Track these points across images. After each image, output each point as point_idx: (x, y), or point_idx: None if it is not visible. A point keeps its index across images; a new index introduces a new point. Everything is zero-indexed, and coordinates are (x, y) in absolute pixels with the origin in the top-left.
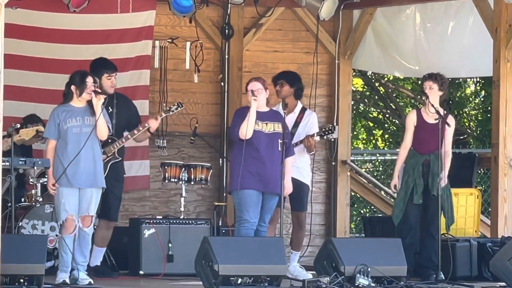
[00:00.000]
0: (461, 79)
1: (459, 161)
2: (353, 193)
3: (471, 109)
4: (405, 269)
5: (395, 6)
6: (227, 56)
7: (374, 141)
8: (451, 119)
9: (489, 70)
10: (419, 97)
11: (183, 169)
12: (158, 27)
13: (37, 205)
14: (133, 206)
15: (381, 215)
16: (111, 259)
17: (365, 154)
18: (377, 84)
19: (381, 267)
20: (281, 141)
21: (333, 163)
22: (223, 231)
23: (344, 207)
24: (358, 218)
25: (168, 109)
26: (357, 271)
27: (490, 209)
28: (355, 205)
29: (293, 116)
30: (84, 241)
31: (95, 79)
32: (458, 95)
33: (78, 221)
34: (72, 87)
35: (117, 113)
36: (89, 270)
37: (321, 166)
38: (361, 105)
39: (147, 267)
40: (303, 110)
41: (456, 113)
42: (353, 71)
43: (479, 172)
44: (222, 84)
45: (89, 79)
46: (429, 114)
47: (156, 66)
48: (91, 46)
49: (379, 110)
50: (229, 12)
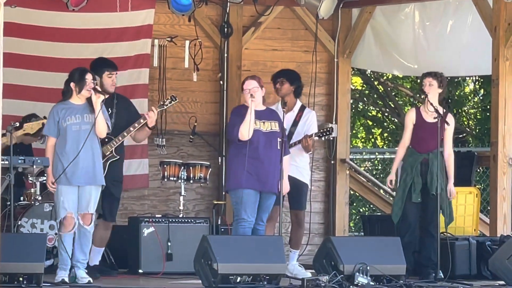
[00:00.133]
0: (460, 78)
1: (458, 159)
2: (352, 192)
3: (470, 108)
4: (404, 267)
5: (394, 4)
6: (226, 55)
7: (373, 139)
8: (450, 117)
9: (488, 69)
10: (418, 95)
11: (182, 167)
12: (157, 26)
13: (36, 204)
14: (132, 205)
15: (380, 213)
16: (110, 257)
17: (364, 153)
18: (376, 83)
19: (380, 266)
20: (280, 140)
21: (332, 162)
22: (222, 229)
23: (343, 205)
24: (357, 217)
25: (162, 103)
26: (356, 270)
27: (489, 208)
28: (354, 204)
29: (292, 115)
30: (85, 238)
31: (94, 76)
32: (457, 93)
33: (78, 219)
34: (72, 84)
35: (117, 114)
36: (88, 269)
37: (320, 164)
38: (360, 103)
39: (146, 266)
40: (302, 109)
41: (455, 111)
42: (352, 69)
43: (478, 170)
44: (221, 82)
45: (88, 76)
46: (428, 112)
47: (155, 64)
48: (91, 44)
49: (378, 109)
50: (228, 11)
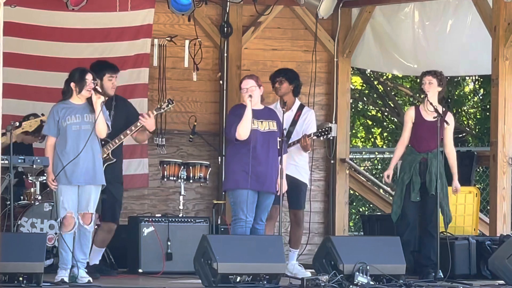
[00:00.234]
0: (460, 77)
1: (458, 159)
2: (351, 191)
3: (470, 107)
4: (404, 267)
5: (394, 4)
6: (226, 54)
7: (372, 139)
8: (450, 116)
9: (488, 68)
10: (417, 95)
11: (182, 167)
12: (157, 25)
13: (36, 203)
14: (132, 204)
15: (379, 213)
16: (110, 257)
17: (363, 152)
18: (375, 82)
19: (380, 265)
20: (280, 140)
21: (331, 161)
22: (222, 229)
23: (343, 205)
24: (357, 216)
25: (159, 107)
26: (356, 269)
27: (489, 207)
28: (354, 203)
29: (290, 114)
30: (85, 238)
31: (94, 77)
32: (457, 93)
33: (78, 218)
34: (72, 84)
35: (115, 116)
36: (88, 269)
37: (319, 164)
38: (360, 103)
39: (146, 265)
40: (301, 108)
41: (455, 111)
42: (351, 69)
43: (478, 170)
44: (221, 82)
45: (88, 76)
46: (428, 111)
47: (155, 64)
48: (90, 44)
49: (377, 108)
50: (228, 11)
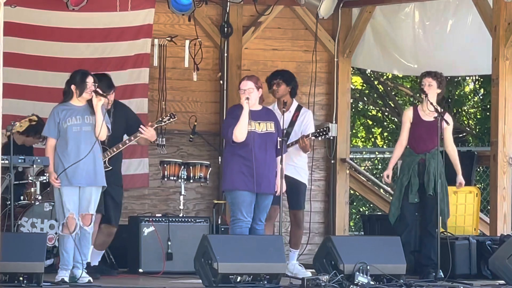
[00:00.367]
0: (460, 77)
1: (458, 159)
2: (352, 191)
3: (470, 107)
4: (404, 267)
5: (394, 4)
6: (226, 55)
7: (373, 139)
8: (448, 117)
9: (488, 68)
10: (418, 95)
11: (182, 167)
12: (157, 26)
13: (36, 203)
14: (132, 204)
15: (380, 213)
16: (110, 257)
17: (364, 152)
18: (376, 82)
19: (380, 265)
20: (280, 140)
21: (332, 161)
22: (222, 229)
23: (343, 205)
24: (357, 216)
25: (160, 120)
26: (356, 269)
27: (489, 207)
28: (354, 203)
29: (288, 115)
30: (85, 239)
31: (95, 79)
32: (457, 93)
33: (79, 219)
34: (72, 87)
35: (114, 122)
36: (88, 269)
37: (320, 164)
38: (360, 103)
39: (146, 265)
40: (298, 108)
41: (455, 111)
42: (352, 69)
43: (478, 170)
44: (221, 82)
45: (89, 79)
46: (426, 111)
47: (155, 64)
48: (91, 44)
49: (378, 108)
50: (228, 11)
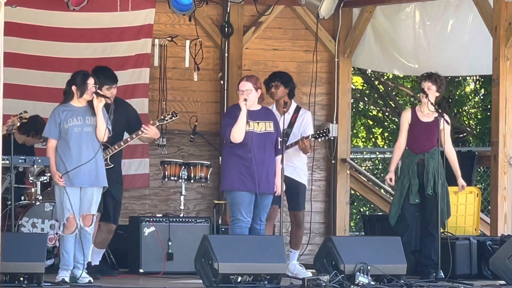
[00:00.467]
0: (460, 77)
1: (459, 159)
2: (352, 192)
3: (471, 107)
4: (405, 267)
5: (394, 4)
6: (226, 55)
7: (373, 139)
8: (446, 117)
9: (488, 68)
10: (418, 95)
11: (183, 167)
12: (158, 26)
13: (37, 204)
14: (133, 204)
15: (381, 213)
16: (111, 257)
17: (364, 152)
18: (376, 82)
19: (380, 265)
20: (281, 140)
21: (332, 162)
22: (222, 229)
23: (344, 205)
24: (358, 217)
25: (162, 118)
26: (356, 270)
27: (489, 207)
28: (355, 203)
29: (287, 116)
30: (85, 240)
31: (96, 80)
32: (457, 93)
33: (80, 220)
34: (73, 88)
35: (115, 119)
36: (89, 269)
37: (320, 164)
38: (361, 103)
39: (147, 265)
40: (297, 110)
41: (455, 111)
42: (352, 69)
43: (479, 170)
44: (222, 82)
45: (90, 81)
46: (424, 112)
47: (155, 64)
48: (91, 44)
49: (378, 108)
50: (228, 10)
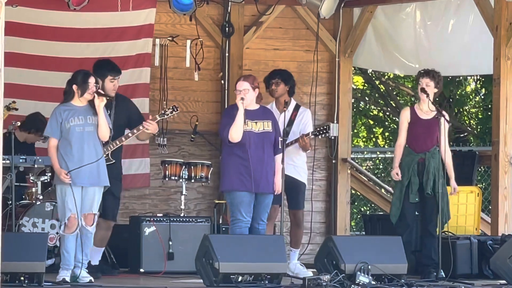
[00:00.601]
0: (461, 77)
1: (459, 159)
2: (353, 191)
3: (472, 107)
4: (406, 266)
5: (395, 4)
6: (227, 54)
7: (374, 139)
8: (446, 115)
9: (489, 68)
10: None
11: (184, 167)
12: (159, 25)
13: (37, 203)
14: (133, 204)
15: (381, 213)
16: (111, 257)
17: (365, 152)
18: (377, 82)
19: (381, 265)
20: (281, 139)
21: (333, 161)
22: (223, 229)
23: (345, 205)
24: (359, 216)
25: (163, 112)
26: (357, 269)
27: (490, 207)
28: (356, 203)
29: (287, 114)
30: (86, 239)
31: (97, 80)
32: (458, 93)
33: (81, 219)
34: (74, 87)
35: (116, 115)
36: (89, 269)
37: (321, 164)
38: (362, 103)
39: (147, 265)
40: (297, 108)
41: (456, 111)
42: (353, 69)
43: (479, 170)
44: (223, 82)
45: (91, 80)
46: (424, 110)
47: (156, 64)
48: (92, 44)
49: (379, 108)
50: (229, 10)
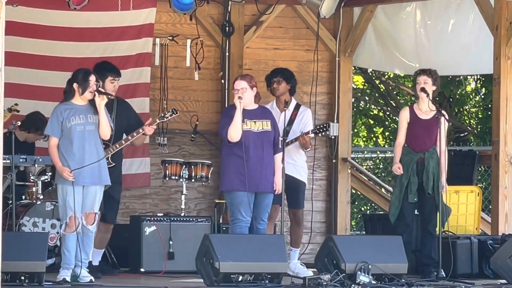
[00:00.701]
0: (461, 77)
1: (459, 158)
2: (353, 191)
3: (472, 107)
4: (406, 266)
5: (395, 3)
6: (227, 54)
7: (374, 138)
8: (445, 115)
9: (489, 68)
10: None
11: (184, 166)
12: (159, 25)
13: (38, 203)
14: (134, 204)
15: (381, 212)
16: (112, 256)
17: (365, 152)
18: (377, 82)
19: (381, 265)
20: (282, 139)
21: (333, 161)
22: (223, 228)
23: (345, 204)
24: (359, 216)
25: (163, 115)
26: (357, 269)
27: (490, 207)
28: (356, 203)
29: (287, 113)
30: (87, 238)
31: (97, 78)
32: (458, 92)
33: (82, 219)
34: (75, 85)
35: (117, 118)
36: (90, 268)
37: (321, 163)
38: (362, 102)
39: (148, 265)
40: (297, 107)
41: (456, 110)
42: (353, 68)
43: (479, 169)
44: (223, 81)
45: (91, 78)
46: (423, 109)
47: (156, 63)
48: (92, 43)
49: (379, 108)
50: (229, 10)
